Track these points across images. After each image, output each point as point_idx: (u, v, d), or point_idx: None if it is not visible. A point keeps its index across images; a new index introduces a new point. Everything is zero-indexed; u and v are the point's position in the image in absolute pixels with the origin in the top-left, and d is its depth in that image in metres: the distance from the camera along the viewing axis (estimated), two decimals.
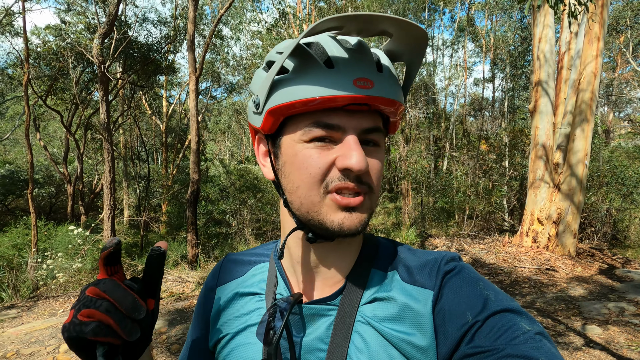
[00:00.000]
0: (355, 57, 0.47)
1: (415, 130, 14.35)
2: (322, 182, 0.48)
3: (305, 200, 0.49)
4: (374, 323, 0.51)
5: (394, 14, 3.91)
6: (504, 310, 0.45)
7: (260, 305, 0.59)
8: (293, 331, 0.54)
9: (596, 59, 5.83)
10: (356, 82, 0.45)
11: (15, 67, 9.65)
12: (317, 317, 0.54)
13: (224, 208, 10.62)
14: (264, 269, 0.64)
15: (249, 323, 0.58)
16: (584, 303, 4.70)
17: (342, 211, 0.48)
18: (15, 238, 8.39)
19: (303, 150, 0.49)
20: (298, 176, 0.49)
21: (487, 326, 0.44)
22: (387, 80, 0.48)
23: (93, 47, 4.19)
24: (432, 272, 0.52)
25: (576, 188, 6.14)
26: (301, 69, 0.47)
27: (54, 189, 15.99)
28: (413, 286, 0.52)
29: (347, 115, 0.47)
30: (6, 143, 24.61)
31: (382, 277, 0.55)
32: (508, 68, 16.52)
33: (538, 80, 6.71)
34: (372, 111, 0.49)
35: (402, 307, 0.51)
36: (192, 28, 6.33)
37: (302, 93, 0.46)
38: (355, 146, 0.47)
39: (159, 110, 17.90)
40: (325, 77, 0.46)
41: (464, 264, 0.53)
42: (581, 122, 5.96)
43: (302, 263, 0.57)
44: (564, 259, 6.26)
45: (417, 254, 0.57)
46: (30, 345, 3.90)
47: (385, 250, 0.59)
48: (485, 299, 0.47)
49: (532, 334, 0.42)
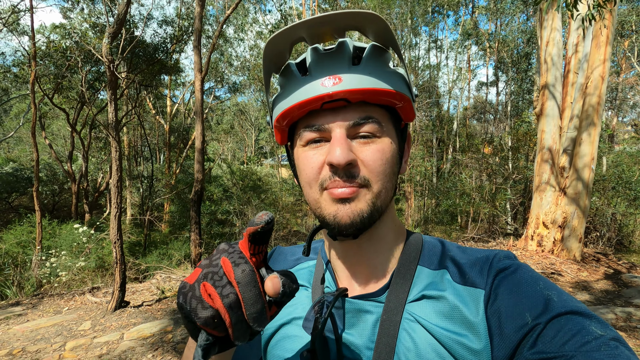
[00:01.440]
0: (326, 58, 0.49)
1: (419, 132, 14.34)
2: (317, 180, 0.50)
3: (310, 198, 0.52)
4: (422, 321, 0.49)
5: (399, 17, 3.89)
6: (570, 312, 0.42)
7: (307, 299, 0.60)
8: (339, 325, 0.54)
9: (604, 63, 5.82)
10: (324, 81, 0.48)
11: (23, 66, 9.69)
12: (363, 312, 0.53)
13: (227, 208, 10.62)
14: (312, 263, 0.65)
15: (295, 315, 0.59)
16: (590, 308, 4.68)
17: (336, 203, 0.49)
18: (20, 235, 8.41)
19: (302, 153, 0.52)
20: (302, 178, 0.53)
21: (551, 329, 0.41)
22: (364, 71, 0.49)
23: (102, 47, 4.20)
24: (483, 270, 0.50)
25: (582, 192, 6.12)
26: (285, 84, 0.53)
27: (57, 187, 16.03)
28: (464, 286, 0.50)
29: (332, 113, 0.50)
30: (9, 141, 24.71)
31: (430, 275, 0.54)
32: (511, 72, 16.51)
33: (545, 83, 6.70)
34: (358, 104, 0.50)
35: (452, 307, 0.49)
36: (199, 24, 6.33)
37: (285, 104, 0.51)
38: (337, 141, 0.48)
39: (163, 110, 17.94)
40: (301, 85, 0.50)
41: (520, 263, 0.51)
42: (588, 126, 5.94)
43: (343, 259, 0.57)
44: (569, 263, 6.23)
45: (467, 251, 0.56)
46: (36, 343, 3.91)
47: (431, 248, 0.58)
48: (547, 300, 0.44)
49: (605, 339, 0.38)
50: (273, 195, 10.47)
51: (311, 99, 0.48)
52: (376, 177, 0.49)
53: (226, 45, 16.89)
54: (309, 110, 0.51)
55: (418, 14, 16.52)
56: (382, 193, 0.50)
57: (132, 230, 11.45)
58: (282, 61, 0.53)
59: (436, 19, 19.33)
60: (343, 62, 0.49)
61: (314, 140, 0.51)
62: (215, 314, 0.38)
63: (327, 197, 0.50)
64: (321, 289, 0.58)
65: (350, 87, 0.48)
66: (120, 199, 4.50)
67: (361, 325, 0.53)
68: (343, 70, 0.48)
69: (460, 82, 19.29)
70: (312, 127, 0.50)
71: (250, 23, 17.39)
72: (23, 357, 3.57)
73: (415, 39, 18.10)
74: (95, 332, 4.15)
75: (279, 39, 0.48)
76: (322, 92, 0.48)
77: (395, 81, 0.51)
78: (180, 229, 12.50)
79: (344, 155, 0.47)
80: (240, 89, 19.88)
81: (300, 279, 0.63)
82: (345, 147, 0.47)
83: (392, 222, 0.57)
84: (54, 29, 8.92)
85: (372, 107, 0.51)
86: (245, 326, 0.38)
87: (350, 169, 0.48)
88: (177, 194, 13.37)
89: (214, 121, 29.04)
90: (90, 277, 6.82)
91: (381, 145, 0.50)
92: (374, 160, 0.49)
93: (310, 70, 0.50)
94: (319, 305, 0.52)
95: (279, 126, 0.55)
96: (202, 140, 6.78)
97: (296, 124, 0.54)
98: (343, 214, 0.48)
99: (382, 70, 0.50)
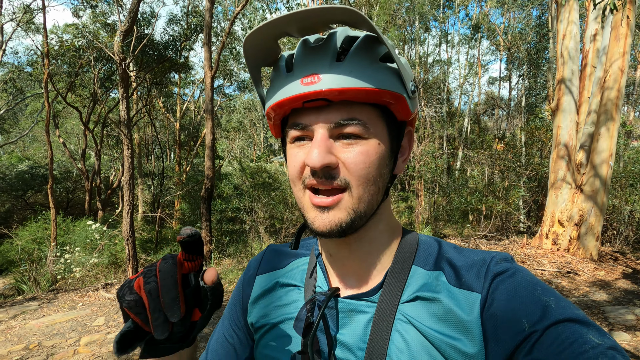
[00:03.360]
0: (310, 54, 0.47)
1: (430, 129, 14.17)
2: (300, 178, 0.50)
3: (295, 195, 0.52)
4: (415, 323, 0.49)
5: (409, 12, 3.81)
6: (568, 319, 0.41)
7: (299, 298, 0.59)
8: (331, 325, 0.53)
9: (623, 55, 5.63)
10: (303, 80, 0.46)
11: (37, 65, 9.85)
12: (355, 312, 0.53)
13: (237, 205, 10.67)
14: (304, 262, 0.64)
15: (287, 316, 0.58)
16: (608, 308, 4.55)
17: (315, 210, 0.48)
18: (35, 232, 8.58)
19: (289, 150, 0.52)
20: (289, 174, 0.53)
21: (548, 337, 0.40)
22: (346, 68, 0.46)
23: (114, 44, 4.22)
24: (480, 273, 0.49)
25: (600, 189, 5.96)
26: (273, 78, 0.52)
27: (71, 185, 16.33)
28: (459, 289, 0.49)
29: (315, 112, 0.48)
30: (25, 139, 25.25)
31: (424, 276, 0.52)
32: (525, 66, 16.18)
33: (561, 78, 6.53)
34: (341, 103, 0.47)
35: (447, 310, 0.48)
36: (209, 20, 6.32)
37: (270, 101, 0.51)
38: (316, 143, 0.47)
39: (173, 108, 18.08)
40: (284, 82, 0.48)
41: (518, 266, 0.49)
42: (606, 121, 5.77)
43: (336, 258, 0.56)
44: (586, 262, 6.09)
45: (464, 252, 0.54)
46: (52, 338, 3.97)
47: (427, 247, 0.56)
48: (544, 306, 0.43)
49: (603, 348, 0.38)
50: (283, 193, 10.47)
51: (290, 98, 0.47)
52: (357, 180, 0.47)
53: (235, 42, 16.92)
54: (293, 108, 0.50)
55: (427, 10, 16.28)
56: (364, 197, 0.48)
57: (143, 227, 11.60)
58: (273, 54, 0.51)
59: (446, 14, 19.05)
60: (325, 58, 0.46)
61: (298, 138, 0.50)
62: (137, 298, 0.42)
63: (308, 200, 0.49)
64: (313, 288, 0.57)
65: (328, 87, 0.45)
66: (132, 197, 4.53)
67: (353, 325, 0.52)
68: (323, 67, 0.46)
69: (471, 77, 18.99)
70: (297, 126, 0.49)
71: (259, 20, 17.39)
72: (39, 351, 3.63)
73: (425, 34, 17.87)
74: (108, 327, 4.20)
75: (259, 34, 0.46)
76: (300, 91, 0.46)
77: (384, 78, 0.47)
78: (190, 226, 12.60)
79: (320, 158, 0.45)
80: (249, 86, 19.92)
81: (293, 278, 0.62)
82: (323, 150, 0.46)
83: (386, 223, 0.56)
84: (66, 28, 9.03)
85: (357, 106, 0.48)
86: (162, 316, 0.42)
87: (328, 171, 0.47)
88: (187, 192, 13.48)
89: (223, 119, 29.21)
90: (103, 273, 6.92)
91: (365, 147, 0.48)
92: (355, 163, 0.47)
93: (293, 66, 0.48)
94: (311, 304, 0.51)
95: (270, 121, 0.54)
96: (212, 137, 6.80)
97: (287, 118, 0.53)
98: (320, 222, 0.48)
99: (369, 66, 0.47)
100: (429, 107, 14.17)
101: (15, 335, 4.09)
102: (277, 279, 0.63)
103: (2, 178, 14.57)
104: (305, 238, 0.69)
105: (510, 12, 17.91)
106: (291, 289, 0.61)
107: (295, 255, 0.66)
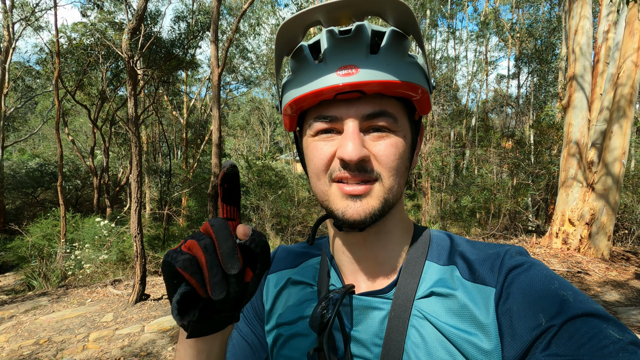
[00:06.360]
0: (343, 45, 0.47)
1: (437, 127, 14.05)
2: (326, 172, 0.49)
3: (317, 190, 0.51)
4: (431, 318, 0.48)
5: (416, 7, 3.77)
6: (587, 314, 0.40)
7: (313, 297, 0.59)
8: (346, 323, 0.53)
9: (637, 51, 5.50)
10: (339, 71, 0.46)
11: (46, 63, 9.96)
12: (370, 309, 0.52)
13: (244, 203, 10.70)
14: (316, 261, 0.64)
15: (302, 314, 0.58)
16: (620, 309, 4.47)
17: (346, 199, 0.48)
18: (45, 229, 8.70)
19: (312, 143, 0.51)
20: (310, 168, 0.52)
21: (566, 332, 0.39)
22: (382, 61, 0.46)
23: (122, 42, 4.23)
24: (494, 267, 0.48)
25: (612, 187, 5.84)
26: (298, 69, 0.50)
27: (80, 182, 16.52)
28: (474, 283, 0.48)
29: (346, 104, 0.47)
30: (34, 137, 25.62)
31: (438, 271, 0.52)
32: (535, 63, 15.93)
33: (573, 74, 6.41)
34: (373, 96, 0.47)
35: (462, 305, 0.47)
36: (217, 16, 6.32)
37: (297, 92, 0.49)
38: (350, 136, 0.46)
39: (180, 106, 18.17)
40: (314, 73, 0.47)
41: (533, 260, 0.48)
42: (619, 118, 5.65)
43: (349, 252, 0.56)
44: (597, 261, 5.98)
45: (477, 246, 0.53)
46: (62, 333, 4.01)
47: (439, 242, 0.56)
48: (562, 300, 0.42)
49: (623, 343, 0.36)
50: (290, 190, 10.47)
51: (324, 89, 0.46)
52: (389, 172, 0.48)
53: (242, 39, 16.91)
54: (321, 100, 0.49)
55: (436, 6, 16.11)
56: (394, 188, 0.49)
57: (151, 224, 11.70)
58: (295, 44, 0.51)
59: (454, 10, 18.82)
60: (360, 50, 0.46)
61: (324, 131, 0.50)
62: (192, 257, 0.39)
63: (337, 191, 0.49)
64: (327, 286, 0.57)
65: (367, 79, 0.45)
66: (140, 194, 4.55)
67: (368, 322, 0.52)
68: (360, 59, 0.46)
69: (480, 74, 18.76)
70: (325, 119, 0.49)
71: (266, 17, 17.37)
72: (49, 347, 3.67)
73: (433, 31, 17.68)
74: (117, 324, 4.24)
75: (294, 22, 0.46)
76: (337, 82, 0.45)
77: (413, 72, 0.48)
78: (197, 224, 12.69)
79: (356, 151, 0.45)
80: (256, 84, 19.92)
81: (305, 277, 0.62)
82: (358, 142, 0.46)
83: (400, 217, 0.56)
84: (74, 27, 9.11)
85: (387, 99, 0.49)
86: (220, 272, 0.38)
87: (362, 164, 0.47)
88: (194, 189, 13.56)
89: (230, 117, 29.30)
90: (111, 269, 6.99)
91: (395, 140, 0.49)
92: (387, 155, 0.48)
93: (325, 56, 0.47)
94: (325, 302, 0.50)
95: (288, 113, 0.53)
96: (219, 135, 6.81)
97: (306, 111, 0.53)
98: (353, 211, 0.48)
99: (401, 60, 0.48)
100: (437, 105, 14.05)
101: (26, 331, 4.14)
102: (289, 276, 0.63)
103: (13, 176, 14.80)
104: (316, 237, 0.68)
105: (520, 8, 17.63)
106: (304, 287, 0.61)
107: (307, 255, 0.66)
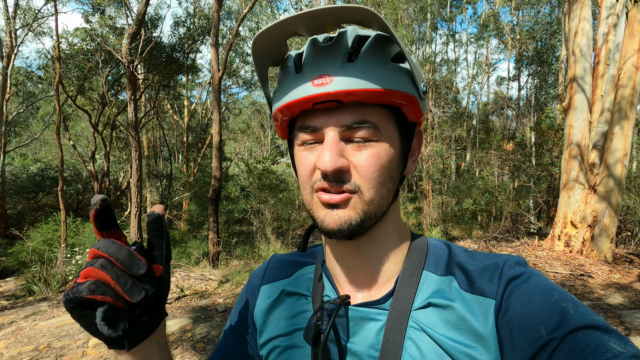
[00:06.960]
0: (321, 54, 0.46)
1: (438, 130, 14.04)
2: (310, 182, 0.49)
3: (304, 198, 0.51)
4: (428, 330, 0.47)
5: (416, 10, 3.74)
6: (588, 326, 0.39)
7: (307, 308, 0.58)
8: (341, 334, 0.52)
9: (638, 52, 5.50)
10: (314, 81, 0.45)
11: (48, 68, 10.00)
12: (366, 321, 0.51)
13: (244, 207, 10.68)
14: (310, 270, 0.62)
15: (296, 326, 0.57)
16: (624, 312, 4.43)
17: (325, 208, 0.48)
18: (46, 233, 8.69)
19: (298, 153, 0.51)
20: (298, 177, 0.52)
21: (567, 345, 0.38)
22: (359, 69, 0.45)
23: (122, 47, 4.24)
24: (493, 277, 0.47)
25: (614, 189, 5.82)
26: (282, 79, 0.50)
27: (81, 187, 16.54)
28: (472, 295, 0.47)
29: (325, 114, 0.47)
30: (36, 142, 25.71)
31: (436, 281, 0.51)
32: (535, 65, 15.94)
33: (573, 76, 6.40)
34: (352, 105, 0.46)
35: (460, 317, 0.46)
36: (217, 20, 6.34)
37: (279, 102, 0.49)
38: (327, 146, 0.46)
39: (180, 110, 18.21)
40: (294, 83, 0.47)
41: (532, 270, 0.48)
42: (620, 120, 5.63)
43: (342, 261, 0.55)
44: (600, 264, 5.94)
45: (475, 256, 0.53)
46: (61, 339, 3.99)
47: (437, 251, 0.55)
48: (562, 312, 0.41)
49: (625, 356, 0.36)
50: (290, 194, 10.46)
51: (300, 100, 0.46)
52: (368, 184, 0.47)
53: (242, 43, 16.98)
54: (302, 110, 0.49)
55: (436, 9, 16.15)
56: (375, 200, 0.48)
57: None
58: (280, 54, 0.51)
59: (454, 13, 18.87)
60: (337, 58, 0.45)
61: (308, 141, 0.49)
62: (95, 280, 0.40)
63: (317, 200, 0.48)
64: (321, 297, 0.56)
65: (340, 89, 0.44)
66: (141, 198, 4.54)
67: (364, 333, 0.51)
68: (335, 68, 0.45)
69: (480, 76, 18.77)
70: (307, 129, 0.48)
71: (266, 21, 17.44)
72: (48, 352, 3.64)
73: (433, 34, 17.72)
74: None
75: (269, 34, 0.45)
76: (311, 92, 0.45)
77: (397, 79, 0.46)
78: (198, 228, 12.67)
79: (332, 162, 0.45)
80: (257, 88, 19.96)
81: (299, 287, 0.61)
82: (335, 153, 0.45)
83: (395, 226, 0.55)
84: (75, 32, 9.16)
85: (369, 107, 0.47)
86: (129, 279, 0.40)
87: (340, 175, 0.46)
88: (195, 193, 13.55)
89: (230, 120, 29.35)
90: None
91: (377, 150, 0.47)
92: (366, 166, 0.46)
93: (303, 66, 0.47)
94: (320, 313, 0.50)
95: (277, 123, 0.53)
96: (219, 138, 6.81)
97: (295, 119, 0.52)
98: (330, 220, 0.47)
99: (382, 66, 0.46)
100: (437, 108, 14.05)
101: (25, 336, 4.12)
102: (283, 288, 0.62)
103: (14, 180, 14.83)
104: (311, 246, 0.67)
105: (520, 10, 17.67)
106: (298, 298, 0.60)
107: (301, 263, 0.64)
